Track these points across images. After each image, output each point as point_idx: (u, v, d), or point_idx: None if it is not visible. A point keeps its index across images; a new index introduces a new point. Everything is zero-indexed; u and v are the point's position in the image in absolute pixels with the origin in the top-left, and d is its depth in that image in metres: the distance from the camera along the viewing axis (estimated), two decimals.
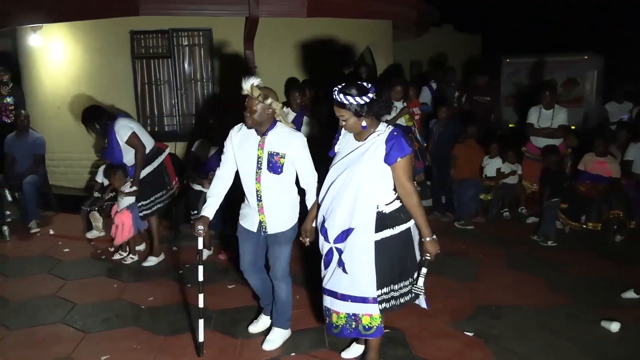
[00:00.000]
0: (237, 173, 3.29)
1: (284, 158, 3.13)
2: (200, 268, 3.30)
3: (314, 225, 3.17)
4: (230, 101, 6.85)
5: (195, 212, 5.03)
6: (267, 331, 3.59)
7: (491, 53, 14.12)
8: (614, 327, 3.64)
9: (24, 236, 6.01)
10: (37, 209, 6.33)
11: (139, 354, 3.46)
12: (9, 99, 7.52)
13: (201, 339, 3.35)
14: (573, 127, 7.49)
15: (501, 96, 8.63)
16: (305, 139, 3.20)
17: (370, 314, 2.90)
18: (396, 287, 2.93)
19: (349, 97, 2.72)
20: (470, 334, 3.62)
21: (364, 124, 2.79)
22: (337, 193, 2.88)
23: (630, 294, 4.15)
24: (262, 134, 3.15)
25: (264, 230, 3.26)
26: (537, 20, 18.51)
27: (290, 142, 3.13)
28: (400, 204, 2.88)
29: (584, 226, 5.58)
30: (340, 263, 2.90)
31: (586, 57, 11.37)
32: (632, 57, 14.72)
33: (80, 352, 3.51)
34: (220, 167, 3.31)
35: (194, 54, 7.19)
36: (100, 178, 5.94)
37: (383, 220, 2.85)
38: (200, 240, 3.30)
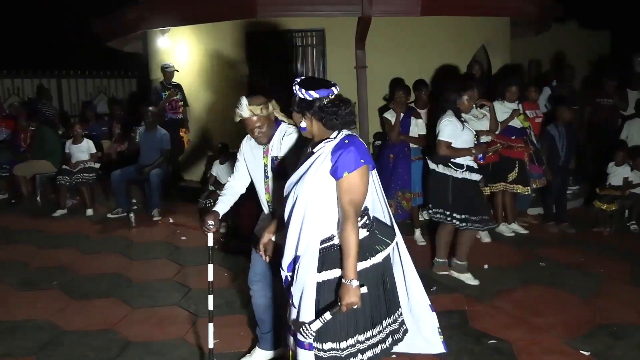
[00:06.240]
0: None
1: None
2: (210, 267, 3.08)
3: (273, 239, 2.74)
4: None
5: None
6: None
7: (621, 51, 12.98)
8: None
9: (147, 223, 6.53)
10: (160, 199, 6.84)
11: (245, 341, 3.61)
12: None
13: (211, 344, 3.09)
14: None
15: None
16: (295, 136, 2.83)
17: None
18: (362, 337, 2.29)
19: (296, 86, 2.30)
20: (587, 354, 3.35)
21: (302, 124, 2.33)
22: (289, 212, 2.34)
23: None
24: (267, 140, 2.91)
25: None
26: None
27: (284, 142, 2.85)
28: (367, 233, 2.32)
29: None
30: (289, 294, 2.32)
31: None
32: None
33: (193, 334, 3.73)
34: (232, 176, 3.16)
35: (307, 55, 7.36)
36: (215, 171, 6.29)
37: (337, 255, 2.24)
38: (210, 236, 3.08)
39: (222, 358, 3.41)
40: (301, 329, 2.19)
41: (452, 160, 4.38)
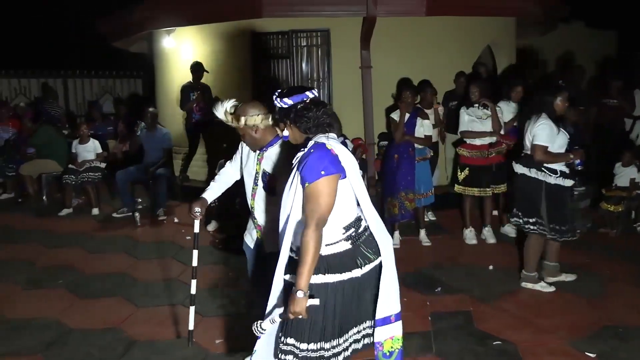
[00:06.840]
0: None
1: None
2: (195, 252, 3.22)
3: None
4: (345, 100, 6.97)
5: None
6: None
7: (628, 51, 12.95)
8: None
9: (152, 223, 6.55)
10: (165, 199, 6.85)
11: (248, 342, 3.59)
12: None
13: (191, 326, 3.28)
14: None
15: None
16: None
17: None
18: (327, 345, 2.28)
19: (274, 96, 2.35)
20: (592, 355, 3.33)
21: (285, 132, 2.36)
22: (279, 216, 2.37)
23: None
24: (261, 149, 2.89)
25: (260, 246, 2.99)
26: None
27: (278, 159, 2.84)
28: (350, 245, 2.29)
29: None
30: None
31: None
32: None
33: (198, 333, 3.72)
34: (229, 162, 3.18)
35: (312, 55, 7.36)
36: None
37: (341, 259, 2.28)
38: (197, 223, 3.16)
39: (225, 358, 3.42)
40: (254, 325, 2.25)
41: (546, 164, 4.15)
